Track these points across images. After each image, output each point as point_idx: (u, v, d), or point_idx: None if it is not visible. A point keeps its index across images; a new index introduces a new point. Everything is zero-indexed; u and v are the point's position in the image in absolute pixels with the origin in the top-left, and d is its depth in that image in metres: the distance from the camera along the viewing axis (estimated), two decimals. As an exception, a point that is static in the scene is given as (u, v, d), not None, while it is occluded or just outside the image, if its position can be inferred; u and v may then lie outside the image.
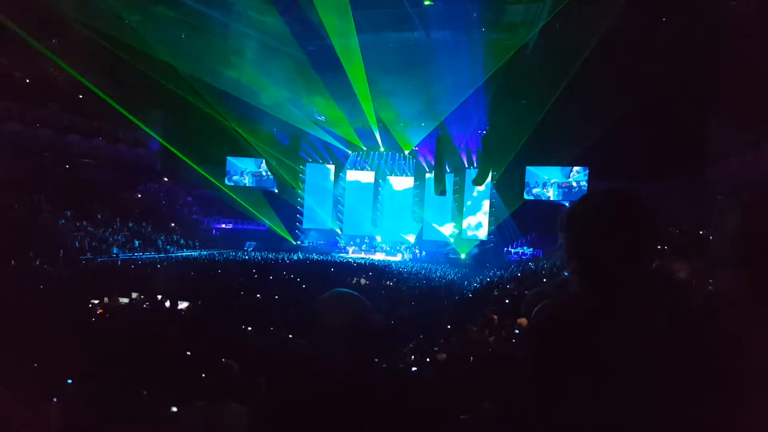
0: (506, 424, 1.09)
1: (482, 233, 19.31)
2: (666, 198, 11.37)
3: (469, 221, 19.64)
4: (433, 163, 19.86)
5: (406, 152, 20.26)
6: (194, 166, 18.48)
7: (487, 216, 19.20)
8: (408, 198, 20.83)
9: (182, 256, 15.86)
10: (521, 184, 17.99)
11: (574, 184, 17.31)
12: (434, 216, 20.38)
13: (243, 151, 19.75)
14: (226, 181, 20.46)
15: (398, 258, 19.31)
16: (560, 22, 12.17)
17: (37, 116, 14.73)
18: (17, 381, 3.53)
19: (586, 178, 17.23)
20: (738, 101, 9.77)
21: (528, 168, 17.95)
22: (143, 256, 14.37)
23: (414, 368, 4.76)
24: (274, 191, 20.68)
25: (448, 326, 6.87)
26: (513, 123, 15.95)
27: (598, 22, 11.46)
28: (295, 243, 20.57)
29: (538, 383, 1.04)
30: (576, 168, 17.40)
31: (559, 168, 17.64)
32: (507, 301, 8.25)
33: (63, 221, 13.38)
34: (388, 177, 21.14)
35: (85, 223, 14.19)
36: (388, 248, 20.34)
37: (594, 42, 11.89)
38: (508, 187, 18.07)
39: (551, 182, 17.73)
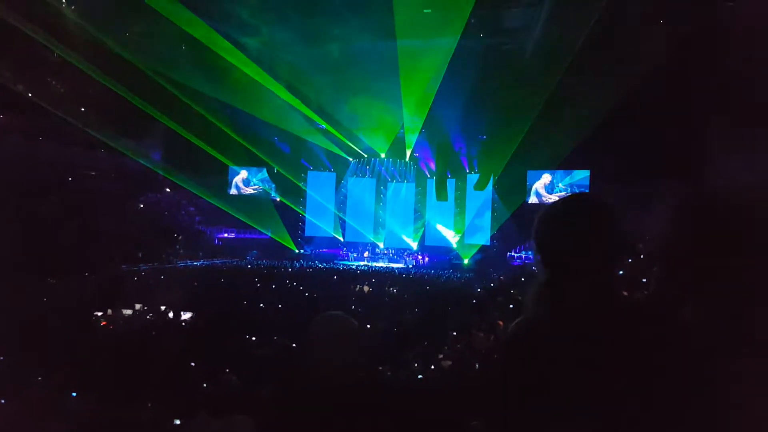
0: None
1: (485, 238, 19.26)
2: (667, 200, 11.29)
3: (471, 226, 19.58)
4: (434, 168, 19.87)
5: (407, 158, 20.26)
6: (196, 176, 18.56)
7: (489, 221, 19.16)
8: (410, 204, 20.81)
9: (185, 266, 15.88)
10: (523, 188, 17.97)
11: (576, 187, 17.30)
12: (436, 222, 20.36)
13: (244, 160, 19.78)
14: (229, 191, 20.48)
15: (401, 264, 19.31)
16: (557, 25, 12.20)
17: (37, 128, 14.75)
18: (21, 394, 3.51)
19: (588, 180, 17.20)
20: (743, 101, 9.72)
21: (529, 172, 17.93)
22: (146, 267, 14.36)
23: (420, 375, 4.73)
24: (276, 200, 20.70)
25: (453, 332, 6.83)
26: (513, 127, 15.97)
27: (595, 23, 11.49)
28: (297, 251, 20.57)
29: (506, 394, 1.07)
30: (577, 171, 17.39)
31: (560, 171, 17.63)
32: (511, 306, 8.23)
33: (64, 233, 13.36)
34: (389, 183, 21.13)
35: (86, 234, 14.18)
36: (391, 254, 20.33)
37: (592, 44, 11.90)
38: (510, 192, 18.04)
39: (552, 186, 17.72)
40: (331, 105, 17.12)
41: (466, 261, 18.97)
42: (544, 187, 17.75)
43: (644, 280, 7.11)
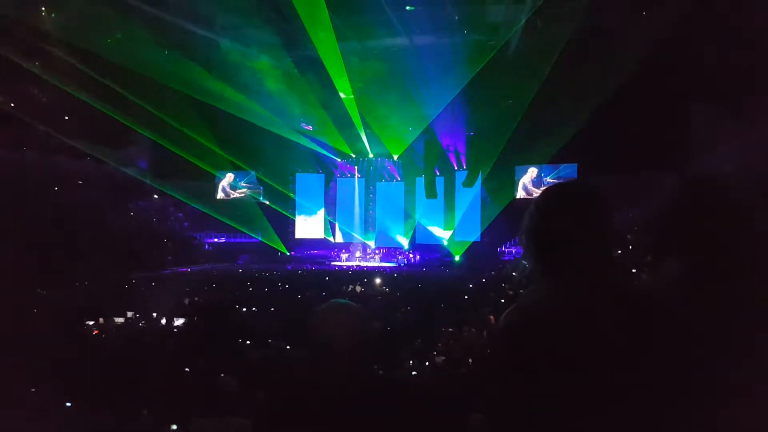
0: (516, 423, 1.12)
1: (475, 234, 19.33)
2: (654, 192, 11.46)
3: (461, 223, 19.65)
4: (422, 167, 19.91)
5: (395, 157, 20.28)
6: (184, 182, 18.43)
7: (479, 217, 19.23)
8: (399, 203, 20.84)
9: (176, 272, 15.77)
10: (511, 184, 18.07)
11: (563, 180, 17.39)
12: (426, 220, 20.41)
13: (232, 165, 19.68)
14: (217, 196, 20.36)
15: (392, 263, 19.35)
16: (541, 20, 12.29)
17: (21, 139, 14.56)
18: (15, 404, 3.50)
19: (575, 174, 17.31)
20: (728, 92, 9.83)
21: (517, 167, 18.03)
22: (136, 275, 14.22)
23: (413, 373, 4.77)
24: (265, 203, 20.62)
25: (445, 329, 6.88)
26: (500, 123, 16.04)
27: (579, 18, 11.61)
28: (288, 254, 20.51)
29: (505, 382, 1.07)
30: (564, 165, 17.50)
31: (548, 166, 17.74)
32: (503, 300, 8.30)
33: (53, 242, 13.20)
34: (378, 183, 21.14)
35: (75, 243, 14.01)
36: (382, 253, 20.37)
37: (577, 38, 12.02)
38: (499, 187, 18.14)
39: (540, 180, 17.82)
40: (319, 106, 17.08)
41: (457, 258, 19.04)
42: (531, 182, 17.86)
43: (634, 270, 7.19)
